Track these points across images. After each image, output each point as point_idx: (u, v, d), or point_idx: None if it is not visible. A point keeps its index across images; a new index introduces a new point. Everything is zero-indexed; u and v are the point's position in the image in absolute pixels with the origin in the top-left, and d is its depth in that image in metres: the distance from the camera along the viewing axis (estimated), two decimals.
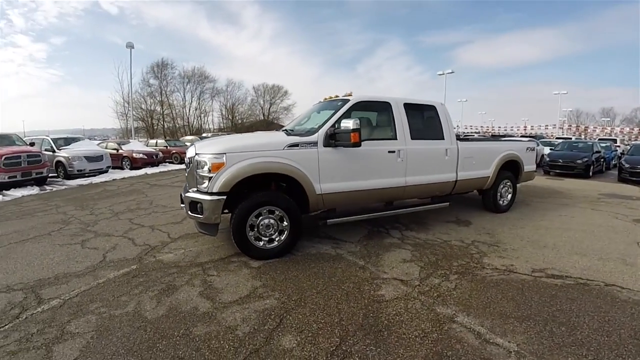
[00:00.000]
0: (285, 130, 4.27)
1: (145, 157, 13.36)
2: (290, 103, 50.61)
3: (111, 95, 58.25)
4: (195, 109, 42.99)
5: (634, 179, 9.47)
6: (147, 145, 16.34)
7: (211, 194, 3.17)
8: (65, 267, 3.30)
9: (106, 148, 13.19)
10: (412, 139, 4.12)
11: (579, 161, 10.66)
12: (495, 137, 14.11)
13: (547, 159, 11.28)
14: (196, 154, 3.34)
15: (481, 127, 46.08)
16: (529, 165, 5.63)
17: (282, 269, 3.18)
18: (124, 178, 10.49)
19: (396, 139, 4.03)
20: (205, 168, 3.19)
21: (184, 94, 41.40)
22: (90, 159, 10.47)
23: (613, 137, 22.30)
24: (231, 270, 3.17)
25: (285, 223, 3.42)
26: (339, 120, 3.63)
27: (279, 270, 3.17)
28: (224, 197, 3.17)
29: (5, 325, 2.29)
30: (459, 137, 4.84)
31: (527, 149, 5.54)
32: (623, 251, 3.75)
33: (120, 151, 13.33)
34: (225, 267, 3.26)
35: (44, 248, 3.87)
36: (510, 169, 5.40)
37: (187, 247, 3.83)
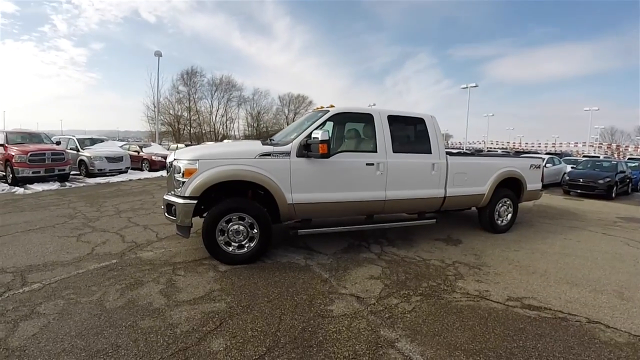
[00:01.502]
0: (269, 140, 4.55)
1: (164, 160, 14.33)
2: None
3: (143, 100, 63.21)
4: (222, 116, 45.30)
5: None
6: (168, 149, 17.52)
7: (184, 197, 3.49)
8: (56, 257, 3.75)
9: (128, 150, 14.37)
10: (394, 152, 4.21)
11: (600, 181, 10.18)
12: (518, 154, 13.89)
13: (567, 178, 10.99)
14: (175, 159, 3.70)
15: (507, 143, 47.64)
16: (533, 184, 5.44)
17: (246, 275, 3.39)
18: (139, 179, 11.39)
19: (376, 151, 4.14)
20: (180, 173, 3.53)
21: (211, 101, 43.83)
22: (110, 159, 11.51)
23: None
24: (198, 272, 3.44)
25: (255, 230, 3.66)
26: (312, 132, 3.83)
27: (242, 275, 3.38)
28: (195, 201, 3.47)
29: None
30: (451, 152, 4.83)
31: (530, 166, 5.37)
32: (623, 283, 3.54)
33: (140, 153, 14.47)
34: (194, 268, 3.54)
35: (44, 238, 4.41)
36: (511, 186, 5.27)
37: (168, 247, 4.18)
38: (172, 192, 3.68)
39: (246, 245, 3.66)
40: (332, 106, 4.33)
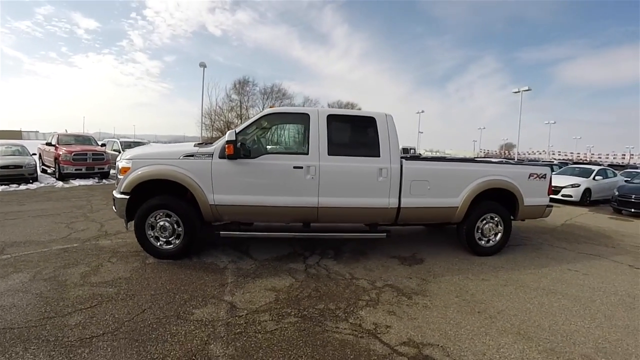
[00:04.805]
0: (205, 143, 5.30)
1: None
2: None
3: (198, 107, 71.84)
4: None
5: None
6: None
7: (120, 193, 4.52)
8: (38, 237, 5.20)
9: None
10: (329, 154, 4.47)
11: None
12: (577, 164, 13.77)
13: (616, 194, 10.24)
14: (119, 159, 4.79)
15: (571, 153, 50.45)
16: (534, 197, 4.90)
17: (161, 269, 4.13)
18: None
19: (307, 153, 4.49)
20: (118, 171, 4.59)
21: (262, 108, 47.88)
22: None
23: None
24: (127, 262, 4.36)
25: (180, 228, 4.47)
26: (241, 132, 4.46)
27: (158, 269, 4.14)
28: (127, 196, 4.44)
29: None
30: (407, 156, 4.83)
31: (530, 175, 4.85)
32: (607, 344, 2.87)
33: None
34: (127, 258, 4.49)
35: (43, 223, 6.02)
36: (501, 200, 4.90)
37: (126, 238, 5.30)
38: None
39: (173, 242, 4.49)
40: (272, 106, 4.88)
